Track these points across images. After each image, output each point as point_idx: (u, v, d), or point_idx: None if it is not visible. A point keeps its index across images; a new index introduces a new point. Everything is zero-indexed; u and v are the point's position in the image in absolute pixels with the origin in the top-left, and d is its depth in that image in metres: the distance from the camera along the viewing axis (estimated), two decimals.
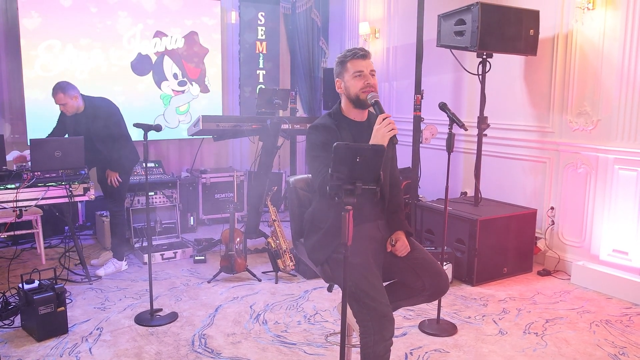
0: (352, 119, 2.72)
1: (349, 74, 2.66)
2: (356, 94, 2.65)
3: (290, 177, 3.08)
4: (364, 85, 2.63)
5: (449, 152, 3.47)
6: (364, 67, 2.65)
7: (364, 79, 2.63)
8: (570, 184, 4.61)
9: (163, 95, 6.41)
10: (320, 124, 2.67)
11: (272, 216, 4.65)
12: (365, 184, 2.04)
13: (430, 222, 4.83)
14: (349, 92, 2.67)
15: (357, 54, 2.66)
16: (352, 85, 2.65)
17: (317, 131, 2.65)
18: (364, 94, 2.63)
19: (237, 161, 7.22)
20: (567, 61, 4.56)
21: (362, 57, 2.66)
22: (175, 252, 5.02)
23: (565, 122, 4.61)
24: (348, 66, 2.66)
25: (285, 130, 5.03)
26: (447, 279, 2.65)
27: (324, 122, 2.69)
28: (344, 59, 2.68)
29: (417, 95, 4.90)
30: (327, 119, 2.71)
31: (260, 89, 6.54)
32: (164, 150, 6.65)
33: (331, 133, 2.61)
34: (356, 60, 2.65)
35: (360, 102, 2.66)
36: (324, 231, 2.62)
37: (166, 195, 5.55)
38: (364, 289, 2.38)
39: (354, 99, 2.67)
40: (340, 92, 2.73)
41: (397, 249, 2.65)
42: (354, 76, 2.64)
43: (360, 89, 2.63)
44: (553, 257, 4.75)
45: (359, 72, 2.64)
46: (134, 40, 6.14)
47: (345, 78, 2.67)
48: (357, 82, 2.64)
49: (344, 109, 2.74)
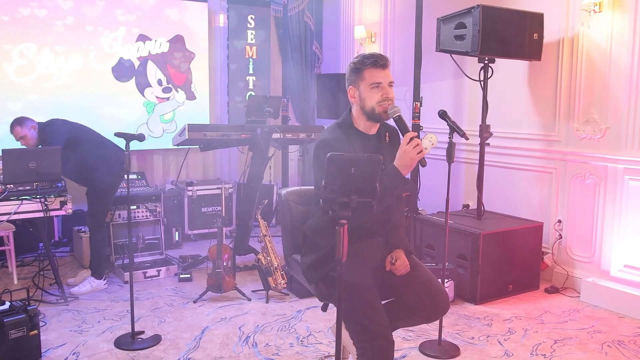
0: (361, 131, 2.65)
1: (365, 83, 2.57)
2: (372, 107, 2.57)
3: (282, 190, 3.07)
4: (382, 98, 2.55)
5: (449, 162, 3.47)
6: (382, 77, 2.56)
7: (382, 91, 2.55)
8: (578, 195, 4.63)
9: (146, 103, 6.40)
10: (332, 139, 2.58)
11: (263, 231, 4.63)
12: (360, 196, 2.03)
13: (431, 237, 4.82)
14: (364, 104, 2.59)
15: (377, 63, 2.56)
16: (368, 97, 2.57)
17: (328, 146, 2.52)
18: (381, 107, 2.56)
19: (225, 173, 7.20)
20: (573, 66, 4.59)
21: (382, 66, 2.56)
22: (158, 270, 4.99)
23: (572, 130, 4.63)
24: (365, 75, 2.57)
25: (276, 140, 5.02)
26: (448, 298, 2.65)
27: (335, 135, 2.60)
28: (360, 67, 2.59)
29: (415, 102, 4.92)
30: (338, 132, 2.63)
31: (249, 96, 6.57)
32: (147, 161, 6.63)
33: (343, 149, 2.53)
34: (375, 70, 2.56)
35: (375, 116, 2.59)
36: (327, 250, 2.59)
37: (149, 209, 5.52)
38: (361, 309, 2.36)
39: (369, 112, 2.59)
40: (353, 101, 2.64)
41: (396, 267, 2.63)
42: (371, 87, 2.56)
43: (377, 102, 2.56)
44: (561, 273, 4.74)
45: (376, 83, 2.55)
46: (116, 44, 6.14)
47: (361, 88, 2.59)
48: (374, 95, 2.56)
49: (355, 119, 2.67)
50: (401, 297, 2.64)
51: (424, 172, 5.29)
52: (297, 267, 2.84)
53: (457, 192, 5.67)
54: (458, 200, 5.64)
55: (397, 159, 2.44)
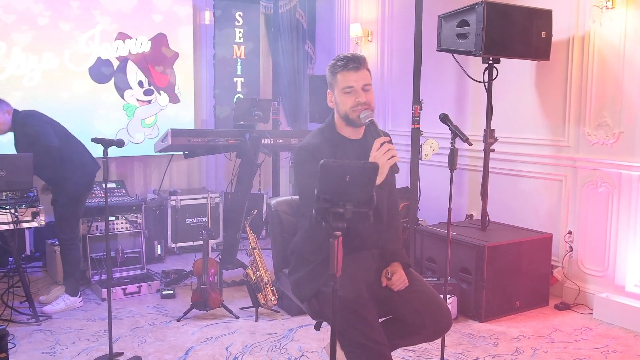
0: (346, 137, 2.68)
1: (338, 88, 2.61)
2: (345, 112, 2.61)
3: (272, 199, 3.07)
4: (355, 103, 2.58)
5: (451, 169, 3.47)
6: (354, 81, 2.58)
7: (354, 95, 2.58)
8: (589, 204, 4.64)
9: (126, 106, 6.39)
10: (312, 145, 2.61)
11: (252, 244, 4.62)
12: (356, 206, 2.03)
13: (432, 249, 4.82)
14: (339, 109, 2.63)
15: (347, 66, 2.58)
16: (341, 102, 2.61)
17: (308, 153, 2.58)
18: (355, 112, 2.58)
19: (211, 181, 7.19)
20: (584, 66, 4.61)
21: (353, 69, 2.58)
22: (139, 286, 4.97)
23: (583, 135, 4.65)
24: (338, 78, 2.60)
25: (266, 146, 5.02)
26: (450, 315, 2.65)
27: (314, 141, 2.63)
28: (333, 70, 2.62)
29: (415, 105, 4.93)
30: (319, 137, 2.66)
31: (237, 98, 6.57)
32: (127, 168, 6.62)
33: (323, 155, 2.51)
34: (346, 73, 2.59)
35: (350, 121, 2.62)
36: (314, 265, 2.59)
37: (129, 221, 5.50)
38: (357, 327, 2.36)
39: (344, 118, 2.63)
40: (331, 106, 2.68)
41: (393, 282, 2.63)
42: (344, 92, 2.59)
43: (350, 108, 2.59)
44: (572, 289, 4.75)
45: (348, 87, 2.58)
46: (93, 42, 6.13)
47: (336, 92, 2.63)
48: (347, 99, 2.59)
49: (337, 125, 2.70)
50: (399, 314, 2.64)
51: (424, 181, 5.30)
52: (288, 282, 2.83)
53: (459, 201, 5.68)
54: (461, 210, 5.65)
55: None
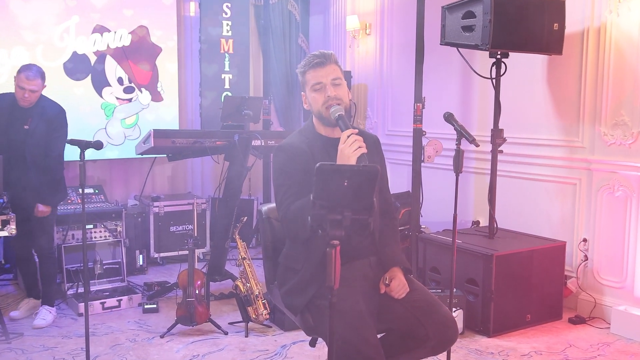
0: (326, 136, 2.76)
1: (309, 87, 2.73)
2: (318, 110, 2.71)
3: (263, 205, 3.06)
4: (325, 99, 2.68)
5: (457, 172, 3.47)
6: (322, 77, 2.69)
7: (325, 91, 2.68)
8: (606, 210, 4.64)
9: (105, 105, 6.37)
10: (289, 144, 2.71)
11: (241, 253, 4.61)
12: (355, 213, 2.03)
13: (436, 259, 4.81)
14: (312, 108, 2.74)
15: (312, 62, 2.71)
16: (314, 101, 2.72)
17: (284, 153, 2.69)
18: (327, 109, 2.68)
19: (197, 186, 7.18)
20: (599, 61, 4.61)
21: (319, 64, 2.70)
22: (119, 300, 4.95)
23: (599, 135, 4.65)
24: (307, 78, 2.73)
25: (256, 148, 5.02)
26: (456, 325, 2.65)
27: (292, 141, 2.73)
28: (302, 70, 2.75)
29: (417, 103, 4.93)
30: (298, 137, 2.75)
31: (225, 96, 6.55)
32: (105, 172, 6.60)
33: (301, 155, 2.64)
34: (313, 71, 2.71)
35: (325, 120, 2.72)
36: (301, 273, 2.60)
37: (108, 229, 5.49)
38: (354, 343, 2.36)
39: (318, 117, 2.74)
40: (306, 107, 2.80)
41: (392, 289, 2.65)
42: (314, 89, 2.71)
43: (322, 104, 2.69)
44: (587, 301, 4.75)
45: (317, 83, 2.70)
46: (68, 36, 6.11)
47: (308, 92, 2.75)
48: (318, 96, 2.70)
49: (315, 125, 2.80)
50: (400, 326, 2.65)
51: (427, 185, 5.30)
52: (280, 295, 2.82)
53: (465, 207, 5.68)
54: (467, 216, 5.65)
55: (337, 159, 2.54)
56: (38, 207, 4.51)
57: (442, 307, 2.67)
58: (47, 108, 4.55)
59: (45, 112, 4.52)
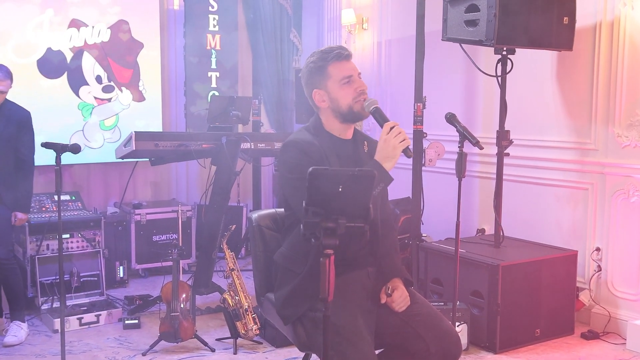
0: (337, 137, 2.76)
1: (334, 81, 2.70)
2: (349, 105, 2.70)
3: (252, 213, 3.06)
4: (357, 93, 2.69)
5: (459, 177, 3.49)
6: (351, 69, 2.71)
7: (354, 84, 2.69)
8: (620, 217, 4.66)
9: (82, 105, 6.37)
10: (300, 139, 2.69)
11: (230, 264, 4.61)
12: (350, 220, 2.04)
13: (438, 269, 4.82)
14: (339, 104, 2.71)
15: (341, 55, 2.70)
16: (341, 96, 2.70)
17: (295, 148, 2.65)
18: (359, 103, 2.69)
19: (182, 192, 7.17)
20: (613, 57, 4.63)
21: (347, 57, 2.71)
22: (97, 315, 4.95)
23: (612, 136, 4.68)
24: (331, 72, 2.70)
25: (245, 151, 5.02)
26: (459, 340, 2.66)
27: (303, 137, 2.71)
28: (323, 64, 2.71)
29: (417, 103, 4.95)
30: (306, 134, 2.73)
31: (212, 96, 6.56)
32: (83, 178, 6.58)
33: (315, 151, 2.63)
34: (340, 63, 2.71)
35: (354, 115, 2.72)
36: (300, 278, 2.61)
37: (86, 239, 5.48)
38: None
39: (346, 113, 2.72)
40: (323, 106, 2.75)
41: (394, 300, 2.66)
42: (342, 84, 2.69)
43: (353, 99, 2.69)
44: (601, 315, 4.76)
45: (347, 77, 2.69)
46: (41, 31, 6.10)
47: (330, 88, 2.71)
48: (348, 91, 2.69)
49: (325, 124, 2.77)
50: (400, 342, 2.65)
51: (428, 190, 5.30)
52: (271, 308, 2.83)
53: (469, 213, 5.69)
54: (471, 223, 5.66)
55: (378, 151, 2.59)
56: (17, 215, 4.54)
57: (445, 321, 2.68)
58: (14, 110, 4.58)
59: (13, 115, 4.54)
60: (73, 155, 3.76)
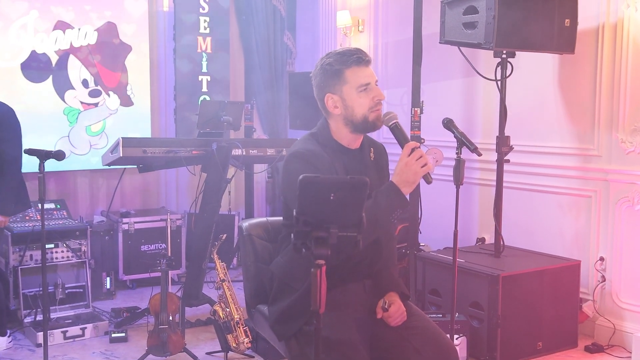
0: (343, 145, 2.72)
1: (350, 87, 2.64)
2: (364, 115, 2.64)
3: (244, 222, 3.06)
4: (374, 102, 2.64)
5: (457, 184, 3.50)
6: (370, 76, 2.65)
7: (372, 93, 2.64)
8: (625, 225, 4.66)
9: (68, 110, 6.37)
10: (307, 150, 2.63)
11: (221, 275, 4.61)
12: (342, 229, 2.04)
13: (436, 280, 4.82)
14: (353, 112, 2.65)
15: (361, 60, 2.64)
16: (358, 104, 2.64)
17: (303, 161, 2.59)
18: (375, 113, 2.64)
19: (171, 200, 7.17)
20: (616, 60, 4.65)
21: (367, 62, 2.65)
22: (83, 328, 4.93)
23: (616, 142, 4.69)
24: (348, 76, 2.64)
25: (237, 158, 5.02)
26: (457, 354, 2.66)
27: (310, 147, 2.65)
28: (340, 67, 2.64)
29: (414, 108, 4.96)
30: (314, 143, 2.68)
31: (203, 101, 6.56)
32: (69, 185, 6.57)
33: (324, 163, 2.59)
34: (359, 69, 2.64)
35: (368, 125, 2.66)
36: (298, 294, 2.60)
37: (71, 249, 5.47)
38: None
39: (360, 122, 2.66)
40: (335, 112, 2.68)
41: (390, 314, 2.65)
42: (359, 91, 2.63)
43: (369, 108, 2.63)
44: (606, 327, 4.77)
45: (364, 85, 2.63)
46: (25, 33, 6.10)
47: (346, 94, 2.65)
48: (365, 100, 2.63)
49: (333, 131, 2.72)
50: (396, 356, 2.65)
51: (426, 198, 5.31)
52: (263, 320, 2.83)
53: (469, 222, 5.70)
54: (470, 232, 5.67)
55: (397, 174, 2.51)
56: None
57: (442, 334, 2.67)
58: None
59: None
60: (58, 162, 3.76)
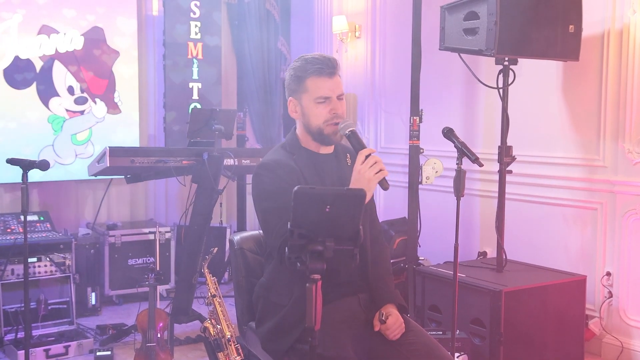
0: (314, 151, 2.76)
1: (308, 96, 2.69)
2: (318, 127, 2.70)
3: (235, 235, 3.06)
4: (331, 116, 2.68)
5: (457, 196, 3.49)
6: (330, 90, 2.68)
7: (329, 106, 2.67)
8: (633, 238, 4.67)
9: (52, 118, 6.36)
10: (273, 161, 2.68)
11: (211, 290, 4.59)
12: (339, 243, 2.03)
13: (436, 295, 4.81)
14: (309, 121, 2.71)
15: (322, 71, 2.67)
16: (313, 114, 2.69)
17: (269, 171, 2.65)
18: (330, 128, 2.68)
19: (160, 212, 7.17)
20: (622, 67, 4.66)
21: (329, 74, 2.68)
22: (66, 346, 4.91)
23: (622, 152, 4.70)
24: (308, 85, 2.69)
25: (229, 168, 5.02)
26: None
27: (278, 157, 2.70)
28: (302, 74, 2.70)
29: (414, 117, 4.96)
30: (282, 153, 2.73)
31: (194, 109, 6.56)
32: (52, 196, 6.56)
33: (290, 173, 2.63)
34: (320, 79, 2.68)
35: (323, 138, 2.71)
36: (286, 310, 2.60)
37: (55, 263, 5.45)
38: None
39: (315, 133, 2.72)
40: (295, 117, 2.77)
41: (388, 327, 2.65)
42: (317, 102, 2.68)
43: (324, 122, 2.68)
44: (613, 345, 4.76)
45: (323, 97, 2.67)
46: (8, 37, 6.10)
47: (304, 101, 2.71)
48: (321, 111, 2.68)
49: (301, 138, 2.78)
50: None
51: (425, 210, 5.31)
52: (255, 338, 2.82)
53: (470, 235, 5.70)
54: (471, 246, 5.67)
55: (352, 183, 2.53)
56: None
57: (443, 351, 2.67)
58: None
59: None
60: (41, 172, 3.75)
